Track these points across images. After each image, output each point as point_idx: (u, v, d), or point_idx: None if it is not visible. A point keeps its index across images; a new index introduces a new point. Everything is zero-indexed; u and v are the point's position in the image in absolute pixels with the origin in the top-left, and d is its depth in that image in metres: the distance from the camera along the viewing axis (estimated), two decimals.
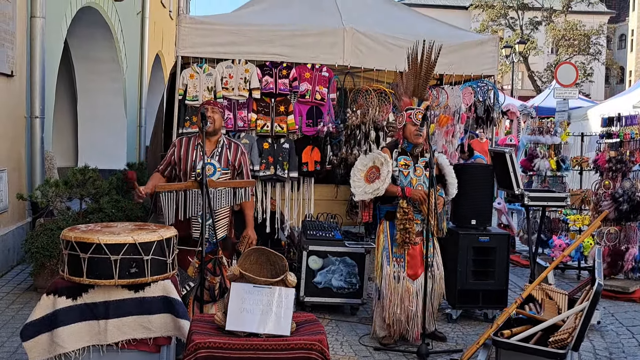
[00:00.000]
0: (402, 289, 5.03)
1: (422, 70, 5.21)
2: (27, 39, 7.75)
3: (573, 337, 3.83)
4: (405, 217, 4.99)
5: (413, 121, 5.07)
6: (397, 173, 5.11)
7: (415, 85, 5.23)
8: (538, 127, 8.52)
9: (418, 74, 5.22)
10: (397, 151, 5.17)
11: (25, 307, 5.69)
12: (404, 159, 5.15)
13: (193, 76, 6.41)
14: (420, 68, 5.22)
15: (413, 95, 5.22)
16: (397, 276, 5.04)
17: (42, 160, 7.97)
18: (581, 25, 37.51)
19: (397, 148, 5.19)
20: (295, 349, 3.27)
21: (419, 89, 5.23)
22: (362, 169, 5.16)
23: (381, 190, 5.00)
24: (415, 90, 5.23)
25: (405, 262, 5.09)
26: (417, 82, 5.23)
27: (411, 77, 5.25)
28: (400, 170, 5.11)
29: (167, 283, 3.74)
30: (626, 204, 6.48)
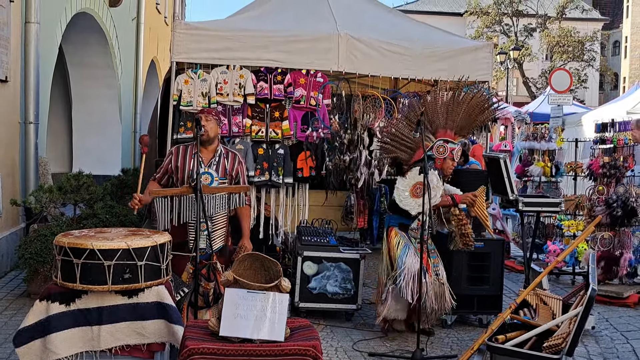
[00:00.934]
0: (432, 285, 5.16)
1: (477, 117, 5.47)
2: (22, 45, 7.74)
3: (567, 342, 3.83)
4: (460, 223, 5.21)
5: (453, 157, 5.32)
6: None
7: (462, 124, 5.41)
8: (532, 133, 8.55)
9: (472, 117, 5.43)
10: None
11: (19, 313, 5.66)
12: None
13: (187, 82, 6.41)
14: (473, 113, 5.43)
15: (458, 132, 5.43)
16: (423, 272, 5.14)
17: (36, 166, 7.95)
18: (575, 31, 37.70)
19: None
20: (289, 354, 3.26)
21: (465, 128, 5.47)
22: (405, 188, 5.25)
23: (437, 198, 5.13)
24: (462, 128, 5.45)
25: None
26: (466, 122, 5.42)
27: (463, 116, 5.40)
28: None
29: (161, 289, 3.72)
30: (620, 210, 6.51)
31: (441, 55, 6.99)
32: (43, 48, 8.22)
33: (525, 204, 6.01)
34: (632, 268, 6.74)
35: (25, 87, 7.78)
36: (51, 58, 9.08)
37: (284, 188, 6.71)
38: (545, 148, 8.38)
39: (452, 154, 5.31)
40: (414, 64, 6.86)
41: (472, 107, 5.43)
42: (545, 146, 8.38)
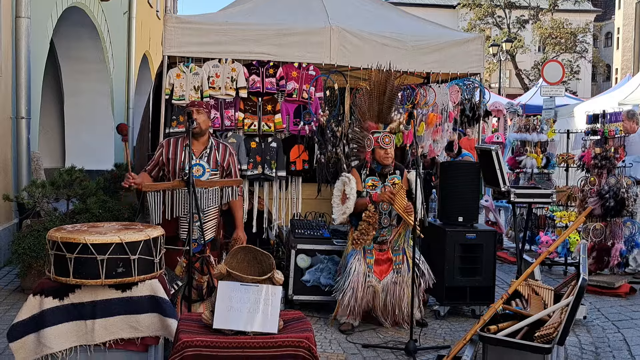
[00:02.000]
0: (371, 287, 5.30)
1: (386, 95, 5.41)
2: (13, 40, 7.71)
3: (558, 331, 3.87)
4: (366, 219, 5.24)
5: (381, 145, 5.29)
6: (364, 194, 5.34)
7: (379, 110, 5.38)
8: (524, 124, 8.57)
9: (382, 98, 5.42)
10: (364, 172, 5.40)
11: (12, 309, 5.66)
12: (371, 179, 5.39)
13: (180, 76, 6.40)
14: (383, 93, 5.41)
15: (378, 120, 5.43)
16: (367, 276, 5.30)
17: (29, 161, 7.93)
18: (568, 23, 37.72)
19: (365, 169, 5.41)
20: (283, 346, 3.28)
21: (383, 113, 5.45)
22: (338, 194, 5.39)
23: (350, 207, 5.26)
24: (380, 115, 5.44)
25: (373, 266, 5.37)
26: (380, 107, 5.41)
27: (375, 102, 5.42)
28: (368, 191, 5.35)
29: (154, 282, 3.74)
30: (612, 200, 6.54)
31: (433, 48, 7.00)
32: (34, 43, 8.19)
33: (517, 195, 6.04)
34: (623, 258, 6.78)
35: (16, 82, 7.75)
36: (42, 53, 9.04)
37: (277, 181, 6.72)
38: (537, 140, 8.41)
39: (377, 142, 5.30)
40: (406, 56, 6.87)
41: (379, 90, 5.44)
42: (537, 138, 8.41)
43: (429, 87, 7.20)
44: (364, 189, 5.35)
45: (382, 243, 5.43)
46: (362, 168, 5.44)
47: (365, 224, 5.27)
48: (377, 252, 5.43)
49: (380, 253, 5.43)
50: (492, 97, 14.57)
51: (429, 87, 7.20)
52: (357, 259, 5.32)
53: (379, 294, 5.35)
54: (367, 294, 5.29)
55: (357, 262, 5.30)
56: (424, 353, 4.87)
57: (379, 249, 5.43)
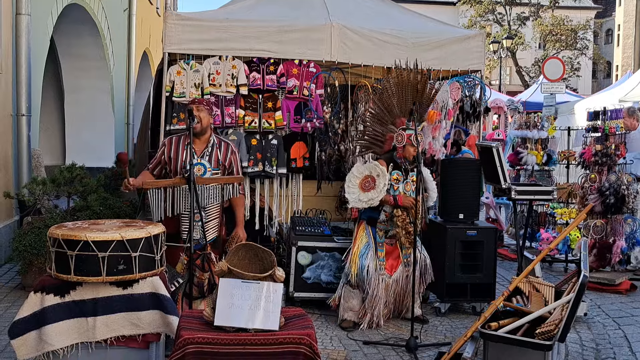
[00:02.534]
0: (384, 283, 5.35)
1: (424, 97, 5.51)
2: (13, 37, 7.70)
3: (559, 328, 3.87)
4: (404, 222, 5.29)
5: (413, 142, 5.29)
6: (389, 186, 5.34)
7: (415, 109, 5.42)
8: (525, 121, 8.57)
9: (420, 99, 5.48)
10: (392, 165, 5.41)
11: (13, 306, 5.67)
12: (397, 173, 5.41)
13: (180, 73, 6.39)
14: (421, 94, 5.49)
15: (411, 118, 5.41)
16: (379, 271, 5.36)
17: (29, 158, 7.93)
18: (568, 20, 37.71)
19: (392, 162, 5.42)
20: (284, 343, 3.28)
21: (419, 112, 5.48)
22: (358, 176, 5.36)
23: (375, 201, 5.28)
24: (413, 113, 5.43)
25: (384, 260, 5.42)
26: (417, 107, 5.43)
27: (410, 99, 5.46)
28: (392, 184, 5.36)
29: (155, 279, 3.74)
30: (612, 197, 6.54)
31: (434, 45, 6.99)
32: (34, 40, 8.18)
33: (518, 192, 6.03)
34: (624, 255, 6.78)
35: (17, 79, 7.75)
36: (43, 50, 9.04)
37: (277, 179, 6.72)
38: (538, 137, 8.41)
39: (409, 140, 5.31)
40: (407, 53, 6.85)
41: (414, 88, 5.49)
42: (537, 135, 8.41)
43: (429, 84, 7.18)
44: (389, 181, 5.35)
45: (392, 237, 5.44)
46: (389, 161, 5.42)
47: (403, 227, 5.30)
48: (387, 245, 5.45)
49: (390, 247, 5.46)
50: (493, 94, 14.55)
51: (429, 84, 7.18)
52: (369, 256, 5.35)
53: (390, 289, 5.38)
54: (380, 290, 5.32)
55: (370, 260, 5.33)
56: (425, 350, 4.87)
57: (389, 242, 5.46)
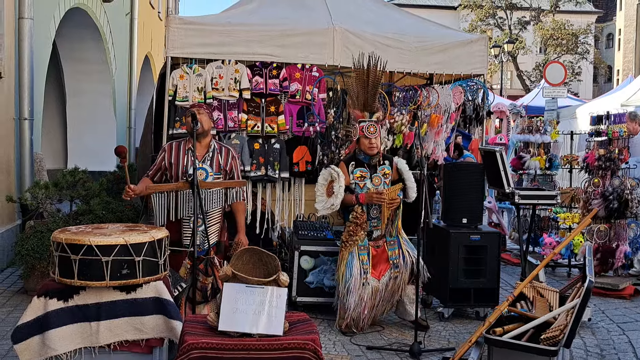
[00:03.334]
0: (369, 288, 5.24)
1: (369, 85, 5.37)
2: (15, 41, 7.71)
3: (565, 334, 3.85)
4: (354, 220, 5.20)
5: (365, 134, 5.23)
6: (353, 185, 5.29)
7: (364, 99, 5.37)
8: (527, 126, 8.56)
9: (366, 87, 5.38)
10: (352, 164, 5.33)
11: (16, 310, 5.65)
12: (360, 170, 5.32)
13: (183, 77, 6.40)
14: (367, 82, 5.37)
15: (364, 109, 5.38)
16: (364, 274, 5.25)
17: (32, 162, 7.93)
18: (569, 24, 37.70)
19: (354, 160, 5.35)
20: (289, 348, 3.26)
21: (368, 102, 5.40)
22: (324, 183, 5.32)
23: (336, 205, 5.21)
24: (365, 104, 5.40)
25: (369, 263, 5.29)
26: (366, 96, 5.38)
27: (360, 90, 5.41)
28: (357, 183, 5.30)
29: (159, 284, 3.73)
30: (616, 202, 6.53)
31: (436, 49, 7.00)
32: (37, 44, 8.19)
33: (522, 196, 6.02)
34: (627, 260, 6.76)
35: (19, 83, 7.75)
36: (45, 54, 9.04)
37: (280, 183, 6.72)
38: (541, 141, 8.39)
39: (362, 131, 5.24)
40: (409, 57, 6.86)
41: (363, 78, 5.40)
42: (540, 139, 8.40)
43: (432, 88, 7.19)
44: (352, 181, 5.28)
45: (376, 239, 5.34)
46: (350, 161, 5.37)
47: (353, 225, 5.21)
48: (373, 249, 5.33)
49: (376, 250, 5.34)
50: (495, 98, 14.56)
51: (432, 88, 7.19)
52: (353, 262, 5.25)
53: (378, 293, 5.29)
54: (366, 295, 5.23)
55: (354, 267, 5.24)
56: (429, 355, 4.85)
57: (375, 245, 5.33)
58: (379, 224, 5.33)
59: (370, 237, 5.34)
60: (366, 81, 5.37)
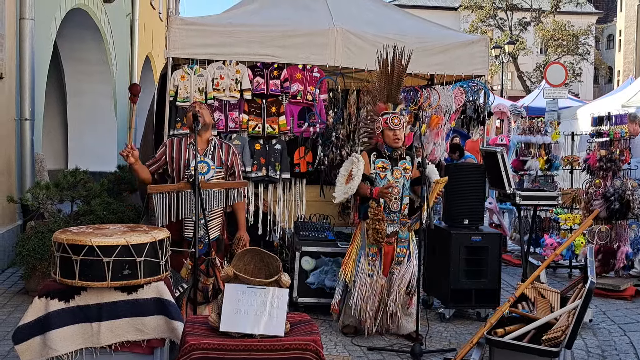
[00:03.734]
0: (377, 285, 5.16)
1: (394, 76, 5.30)
2: (17, 41, 7.71)
3: (566, 335, 3.85)
4: (375, 217, 5.08)
5: (390, 126, 5.16)
6: (374, 175, 5.21)
7: (388, 91, 5.31)
8: (528, 126, 8.56)
9: (390, 78, 5.31)
10: (374, 154, 5.26)
11: (17, 311, 5.65)
12: (381, 161, 5.24)
13: (184, 77, 6.39)
14: (392, 73, 5.30)
15: (387, 101, 5.32)
16: (372, 274, 5.17)
17: (33, 163, 7.92)
18: (570, 25, 37.71)
19: (375, 151, 5.28)
20: (290, 349, 3.26)
21: (392, 93, 5.34)
22: (345, 173, 5.26)
23: (352, 188, 5.11)
24: (389, 96, 5.34)
25: (380, 261, 5.20)
26: (389, 87, 5.31)
27: (384, 82, 5.34)
28: (377, 173, 5.21)
29: (160, 285, 3.72)
30: (617, 203, 6.52)
31: (437, 50, 6.98)
32: (38, 44, 8.19)
33: (523, 197, 6.02)
34: (629, 261, 6.76)
35: (20, 83, 7.76)
36: (46, 54, 9.04)
37: (281, 183, 6.71)
38: (542, 142, 8.39)
39: (386, 123, 5.17)
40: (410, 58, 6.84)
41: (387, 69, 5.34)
42: (541, 140, 8.39)
43: (432, 89, 7.18)
44: (373, 170, 5.19)
45: (389, 235, 5.18)
46: (372, 151, 5.28)
47: (375, 222, 5.06)
48: (385, 245, 5.19)
49: (387, 247, 5.21)
50: (496, 99, 14.55)
51: (432, 89, 7.18)
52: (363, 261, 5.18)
53: (384, 290, 5.19)
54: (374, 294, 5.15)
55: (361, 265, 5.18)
56: (430, 356, 4.85)
57: (388, 242, 5.19)
58: (397, 218, 5.20)
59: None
60: (391, 72, 5.29)
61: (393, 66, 5.29)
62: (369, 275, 5.15)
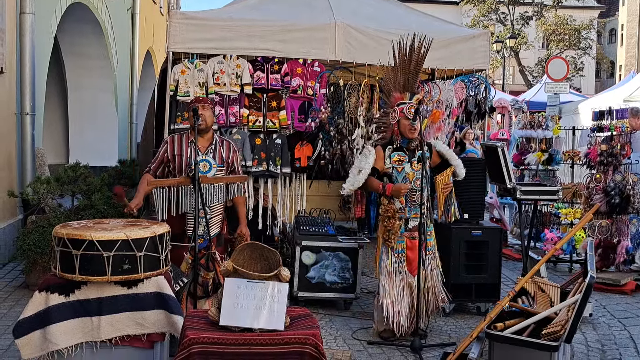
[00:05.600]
0: (404, 284, 5.01)
1: (412, 65, 5.19)
2: (17, 36, 7.70)
3: (566, 329, 3.85)
4: (385, 214, 4.98)
5: (406, 115, 5.00)
6: (391, 170, 5.06)
7: (405, 80, 5.21)
8: (529, 121, 8.55)
9: (407, 68, 5.20)
10: (390, 148, 5.11)
11: (18, 305, 5.67)
12: (397, 154, 5.07)
13: (184, 72, 6.38)
14: (409, 62, 5.19)
15: (404, 90, 5.20)
16: (399, 271, 5.01)
17: (33, 157, 7.93)
18: (572, 20, 37.63)
19: (391, 145, 5.13)
20: (290, 343, 3.26)
21: (409, 83, 5.22)
22: (358, 166, 5.11)
23: (359, 181, 4.98)
24: (406, 85, 5.22)
25: (405, 257, 5.05)
26: (406, 77, 5.21)
27: (400, 72, 5.23)
28: (394, 167, 5.06)
29: (160, 279, 3.72)
30: (618, 197, 6.52)
31: (439, 44, 6.93)
32: (38, 39, 8.18)
33: (523, 192, 6.02)
34: (629, 255, 6.76)
35: (21, 78, 7.75)
36: (47, 49, 9.03)
37: (281, 178, 6.71)
38: (542, 136, 8.38)
39: (402, 113, 5.02)
40: None
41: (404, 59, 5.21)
42: (542, 134, 8.39)
43: (433, 84, 7.17)
44: (389, 165, 5.05)
45: (412, 230, 5.03)
46: (387, 145, 5.13)
47: (387, 219, 4.96)
48: (408, 240, 5.04)
49: (412, 242, 5.04)
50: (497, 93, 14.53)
51: (433, 84, 7.17)
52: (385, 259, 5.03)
53: (414, 290, 4.99)
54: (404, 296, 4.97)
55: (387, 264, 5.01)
56: (430, 350, 4.86)
57: (410, 236, 5.04)
58: (417, 212, 5.02)
59: (406, 226, 5.06)
60: (408, 61, 5.16)
61: (411, 55, 5.17)
62: (395, 273, 4.99)
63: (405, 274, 5.02)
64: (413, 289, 5.00)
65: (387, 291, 4.97)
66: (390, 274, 5.00)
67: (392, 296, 4.96)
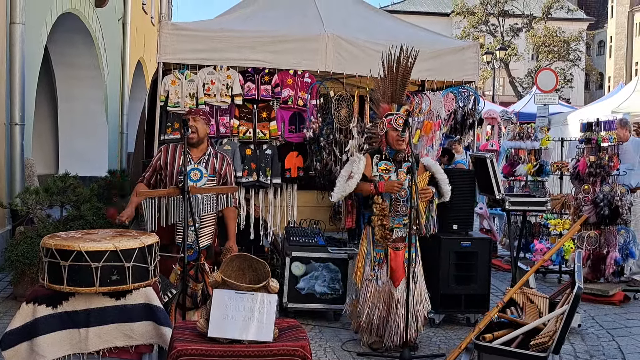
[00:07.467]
0: (384, 293, 5.00)
1: (399, 76, 5.22)
2: (7, 45, 7.68)
3: (554, 340, 3.87)
4: (381, 213, 4.97)
5: (394, 127, 5.03)
6: (377, 178, 5.06)
7: (392, 91, 5.24)
8: (518, 132, 8.59)
9: (395, 79, 5.22)
10: (377, 156, 5.13)
11: (5, 316, 5.62)
12: (384, 164, 5.09)
13: (175, 82, 6.40)
14: (397, 73, 5.22)
15: (392, 101, 5.22)
16: (379, 280, 5.01)
17: (22, 168, 7.89)
18: (561, 31, 37.99)
19: (379, 154, 5.15)
20: (278, 355, 3.26)
21: (396, 94, 5.24)
22: (345, 175, 5.12)
23: (351, 186, 4.98)
24: (394, 96, 5.24)
25: (388, 268, 5.03)
26: (394, 88, 5.23)
27: (388, 83, 5.25)
28: (381, 175, 5.06)
29: (148, 290, 3.72)
30: (606, 208, 6.55)
31: (428, 55, 7.00)
32: (28, 49, 8.16)
33: (512, 203, 6.05)
34: (618, 267, 6.79)
35: (10, 88, 7.72)
36: (37, 59, 9.02)
37: (272, 189, 6.71)
38: (532, 147, 8.43)
39: (390, 124, 5.04)
40: None
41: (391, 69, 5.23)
42: (531, 145, 8.43)
43: (423, 95, 7.21)
44: (376, 173, 5.05)
45: (397, 240, 5.02)
46: (375, 153, 5.15)
47: (380, 217, 4.95)
48: (392, 251, 5.01)
49: (395, 253, 5.01)
50: (487, 105, 14.62)
51: (423, 95, 7.21)
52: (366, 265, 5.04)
53: (395, 303, 4.95)
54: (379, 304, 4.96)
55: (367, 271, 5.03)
56: None
57: (394, 247, 5.01)
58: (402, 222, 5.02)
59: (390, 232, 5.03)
60: (395, 72, 5.19)
61: (398, 66, 5.20)
62: (369, 280, 4.99)
63: (386, 283, 5.00)
64: (393, 299, 4.97)
65: (366, 300, 4.98)
66: (370, 283, 5.01)
67: (371, 304, 4.96)
